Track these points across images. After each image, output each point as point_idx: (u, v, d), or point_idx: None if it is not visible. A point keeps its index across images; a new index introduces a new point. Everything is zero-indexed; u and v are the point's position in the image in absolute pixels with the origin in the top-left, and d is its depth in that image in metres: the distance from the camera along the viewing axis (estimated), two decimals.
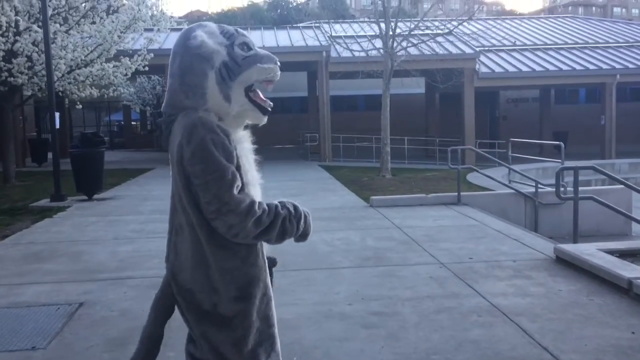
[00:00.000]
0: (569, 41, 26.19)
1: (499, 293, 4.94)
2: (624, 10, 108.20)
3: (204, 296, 2.01)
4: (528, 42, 25.64)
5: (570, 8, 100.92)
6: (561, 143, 10.58)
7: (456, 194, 10.12)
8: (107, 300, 5.01)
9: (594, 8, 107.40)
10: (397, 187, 12.74)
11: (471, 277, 5.46)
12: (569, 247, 5.89)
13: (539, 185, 10.09)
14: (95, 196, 11.59)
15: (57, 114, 11.87)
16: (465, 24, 17.86)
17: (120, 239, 7.61)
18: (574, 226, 6.60)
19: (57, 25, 13.17)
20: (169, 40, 20.97)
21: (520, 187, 11.04)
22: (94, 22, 14.39)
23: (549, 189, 10.39)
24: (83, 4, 13.83)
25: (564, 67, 22.06)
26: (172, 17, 25.56)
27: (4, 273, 5.97)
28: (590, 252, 5.62)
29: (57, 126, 11.86)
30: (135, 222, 8.81)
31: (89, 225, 8.58)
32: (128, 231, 8.09)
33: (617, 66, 22.22)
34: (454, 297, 4.86)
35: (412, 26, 16.15)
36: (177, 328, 2.49)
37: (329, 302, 4.80)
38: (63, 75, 13.81)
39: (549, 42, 26.03)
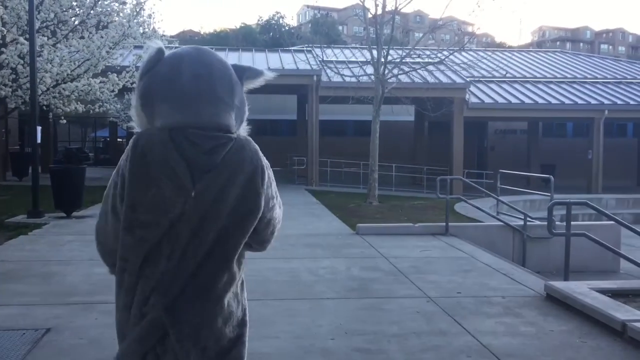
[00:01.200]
0: (558, 75, 26.42)
1: (489, 331, 4.72)
2: (610, 47, 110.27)
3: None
4: (517, 75, 25.83)
5: (558, 43, 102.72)
6: (551, 177, 10.46)
7: (444, 224, 9.95)
8: (77, 326, 4.73)
9: (581, 44, 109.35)
10: (384, 215, 12.56)
11: (459, 313, 5.24)
12: (560, 285, 5.71)
13: (528, 219, 9.93)
14: (74, 213, 11.27)
15: (38, 128, 11.58)
16: (456, 54, 17.91)
17: (95, 259, 7.22)
18: (566, 263, 6.43)
19: (45, 38, 12.96)
20: None
21: (508, 219, 10.89)
22: (82, 37, 14.21)
23: (537, 222, 10.26)
24: (72, 18, 13.64)
25: (553, 101, 22.19)
26: (163, 35, 25.47)
27: None
28: (582, 291, 5.44)
29: (39, 140, 11.57)
30: None
31: (65, 245, 8.28)
32: None
33: (605, 102, 22.38)
34: (442, 335, 4.64)
35: (404, 54, 16.16)
36: None
37: (311, 336, 4.56)
38: (48, 89, 13.56)
39: (538, 75, 26.24)
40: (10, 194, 15.14)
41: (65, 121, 15.78)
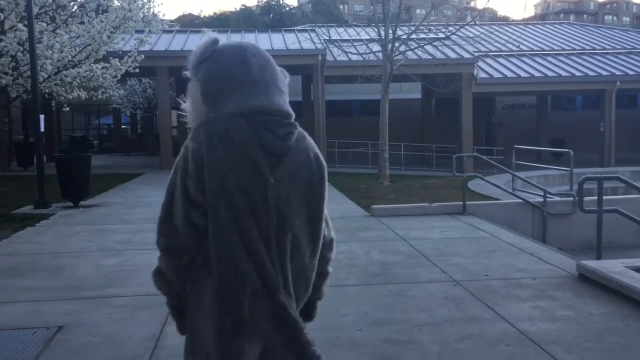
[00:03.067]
0: (566, 47, 25.90)
1: (525, 317, 4.46)
2: (615, 17, 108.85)
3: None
4: (525, 48, 25.32)
5: (562, 15, 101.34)
6: (569, 151, 10.15)
7: (461, 203, 9.66)
8: (89, 322, 4.49)
9: (585, 16, 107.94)
10: (397, 195, 12.28)
11: (490, 297, 4.98)
12: (593, 264, 5.43)
13: (548, 195, 9.62)
14: (81, 203, 11.04)
15: (41, 117, 11.30)
16: (462, 29, 17.48)
17: (106, 250, 7.09)
18: (598, 241, 6.16)
19: (44, 24, 12.62)
20: (161, 42, 20.48)
21: (526, 196, 10.59)
22: (82, 22, 13.86)
23: (557, 198, 9.97)
24: (71, 2, 13.28)
25: (563, 73, 21.74)
26: (163, 20, 25.03)
27: None
28: (618, 270, 5.17)
29: (42, 129, 11.30)
30: (123, 231, 8.29)
31: (73, 235, 8.04)
32: (114, 242, 7.57)
33: (617, 72, 21.93)
34: (476, 322, 4.38)
35: (411, 30, 15.75)
36: None
37: (336, 327, 4.30)
38: (50, 77, 13.26)
39: (546, 48, 25.74)
40: (15, 184, 14.93)
41: (68, 109, 15.46)
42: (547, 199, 9.64)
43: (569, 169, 10.57)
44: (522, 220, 9.64)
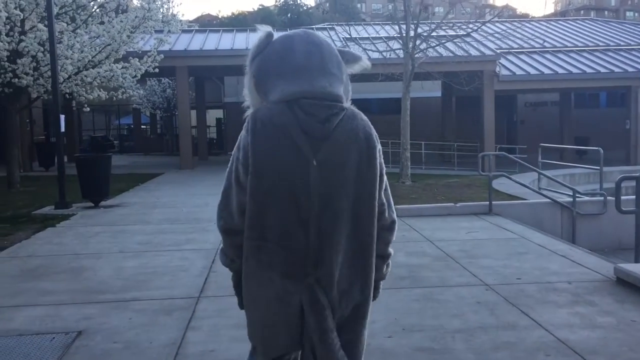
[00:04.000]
0: (590, 43, 25.39)
1: (563, 324, 4.24)
2: (637, 14, 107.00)
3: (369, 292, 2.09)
4: (547, 45, 24.88)
5: (582, 12, 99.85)
6: (600, 149, 9.85)
7: (486, 203, 9.43)
8: (110, 328, 4.36)
9: (606, 12, 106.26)
10: (419, 195, 12.04)
11: (525, 302, 4.76)
12: (633, 268, 5.18)
13: (577, 195, 9.34)
14: (102, 203, 10.98)
15: (62, 117, 11.26)
16: (483, 26, 17.17)
17: (126, 252, 6.97)
18: (637, 243, 5.90)
19: (64, 24, 12.57)
20: (180, 42, 20.45)
21: (552, 195, 10.31)
22: (102, 22, 13.82)
23: (587, 198, 9.68)
24: (91, 2, 13.23)
25: (588, 70, 21.29)
26: (181, 21, 24.98)
27: None
28: None
29: (62, 129, 11.26)
30: (143, 232, 8.18)
31: (93, 236, 7.95)
32: (135, 243, 7.46)
33: None
34: (511, 329, 4.17)
35: (431, 28, 15.49)
36: None
37: None
38: (70, 77, 13.23)
39: (568, 44, 25.25)
40: (37, 184, 14.95)
41: (88, 109, 15.43)
42: (577, 199, 9.35)
43: (596, 167, 10.28)
44: (550, 220, 9.38)
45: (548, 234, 7.82)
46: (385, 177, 2.07)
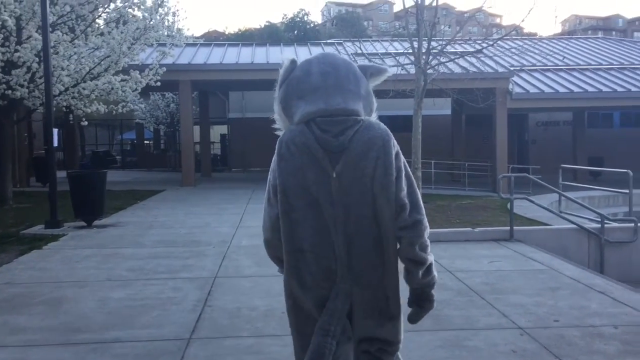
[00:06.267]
0: (603, 62, 24.79)
1: None
2: None
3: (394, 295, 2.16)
4: (560, 63, 24.29)
5: (590, 32, 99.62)
6: (629, 171, 9.18)
7: (507, 228, 8.76)
8: None
9: (614, 32, 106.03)
10: (433, 217, 11.34)
11: (568, 352, 4.08)
12: None
13: (605, 220, 8.66)
14: (96, 222, 10.34)
15: (55, 131, 10.69)
16: (496, 44, 16.60)
17: (114, 280, 6.32)
18: None
19: (60, 34, 12.03)
20: (184, 56, 19.93)
21: (575, 220, 9.62)
22: (101, 34, 13.32)
23: (615, 224, 9.00)
24: (91, 13, 12.69)
25: (604, 89, 20.65)
26: (186, 36, 24.53)
27: None
28: None
29: (55, 143, 10.67)
30: (135, 257, 7.52)
31: (81, 261, 7.29)
32: (125, 269, 6.80)
33: None
34: None
35: (442, 44, 14.92)
36: None
37: None
38: (67, 89, 12.67)
39: (582, 62, 24.67)
40: (31, 201, 14.34)
41: (86, 123, 14.82)
42: (605, 225, 8.66)
43: (624, 190, 9.61)
44: (575, 247, 8.68)
45: (580, 266, 7.13)
46: (406, 180, 2.12)
